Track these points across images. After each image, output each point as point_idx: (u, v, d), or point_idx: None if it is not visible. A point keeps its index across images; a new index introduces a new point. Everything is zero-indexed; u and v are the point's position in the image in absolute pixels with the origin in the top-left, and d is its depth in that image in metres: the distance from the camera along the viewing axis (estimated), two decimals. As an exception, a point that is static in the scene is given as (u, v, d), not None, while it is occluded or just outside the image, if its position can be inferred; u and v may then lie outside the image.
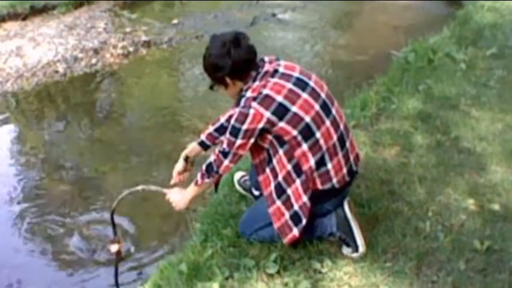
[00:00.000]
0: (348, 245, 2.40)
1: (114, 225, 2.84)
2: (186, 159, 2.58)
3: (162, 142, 3.18)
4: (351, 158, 2.39)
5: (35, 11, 6.58)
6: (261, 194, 2.50)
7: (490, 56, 4.58)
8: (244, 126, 2.16)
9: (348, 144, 2.36)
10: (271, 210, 2.34)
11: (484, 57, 4.58)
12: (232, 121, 2.20)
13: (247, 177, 2.84)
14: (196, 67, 5.51)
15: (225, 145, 2.25)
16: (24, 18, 6.43)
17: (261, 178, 2.35)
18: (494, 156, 3.14)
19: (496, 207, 2.71)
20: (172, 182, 2.61)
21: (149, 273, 2.61)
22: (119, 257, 2.92)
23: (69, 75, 5.24)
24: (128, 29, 6.32)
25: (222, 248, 2.47)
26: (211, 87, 2.39)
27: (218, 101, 4.55)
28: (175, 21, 6.63)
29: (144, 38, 6.06)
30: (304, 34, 6.36)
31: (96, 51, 5.69)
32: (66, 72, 5.28)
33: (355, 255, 2.39)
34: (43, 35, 6.00)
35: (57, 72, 5.27)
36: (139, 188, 2.65)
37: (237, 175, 2.87)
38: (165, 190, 2.54)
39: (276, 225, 2.35)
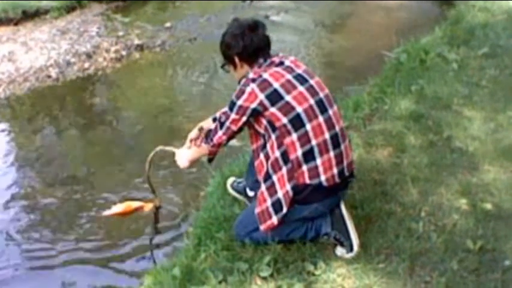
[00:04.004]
0: (342, 245, 2.41)
1: (152, 187, 3.14)
2: (200, 129, 2.73)
3: (156, 145, 3.19)
4: (345, 162, 2.38)
5: (27, 16, 6.57)
6: (256, 195, 2.51)
7: (482, 55, 4.59)
8: (240, 102, 2.28)
9: (342, 147, 2.37)
10: (258, 193, 2.40)
11: (475, 56, 4.60)
12: (232, 96, 2.33)
13: (240, 180, 2.86)
14: (189, 70, 5.51)
15: (223, 116, 2.39)
16: (16, 23, 6.43)
17: (256, 163, 2.43)
18: (487, 156, 3.15)
19: (488, 206, 2.71)
20: (185, 146, 2.74)
21: (142, 278, 2.59)
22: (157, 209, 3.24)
23: (61, 79, 5.23)
24: (120, 33, 6.32)
25: (215, 252, 2.47)
26: (222, 66, 2.53)
27: (212, 103, 4.56)
28: (168, 24, 6.63)
29: (137, 41, 6.06)
30: (297, 36, 6.38)
31: (89, 56, 5.68)
32: (58, 76, 5.27)
33: (349, 255, 2.39)
34: (35, 40, 5.99)
35: (49, 77, 5.25)
36: (158, 148, 2.96)
37: (230, 180, 2.90)
38: (175, 150, 2.74)
39: (257, 209, 2.39)
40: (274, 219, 2.34)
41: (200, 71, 5.40)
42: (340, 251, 2.42)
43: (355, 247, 2.38)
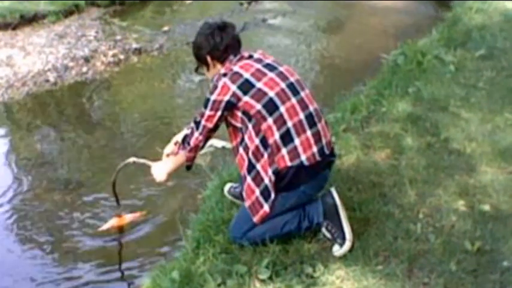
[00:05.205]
0: (334, 236, 2.41)
1: (116, 196, 3.06)
2: (176, 143, 2.68)
3: (154, 149, 3.18)
4: (323, 140, 2.41)
5: (25, 20, 6.58)
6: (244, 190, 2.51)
7: (479, 57, 4.62)
8: (213, 97, 2.32)
9: (319, 126, 2.40)
10: (244, 188, 2.41)
11: (472, 58, 4.62)
12: (207, 94, 2.38)
13: (236, 185, 2.88)
14: (187, 74, 5.52)
15: (198, 116, 2.41)
16: (14, 28, 6.43)
17: (237, 159, 2.45)
18: (484, 157, 3.16)
19: (486, 207, 2.72)
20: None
21: (141, 282, 2.59)
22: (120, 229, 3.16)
23: (60, 84, 5.23)
24: (118, 37, 6.33)
25: (214, 255, 2.47)
26: (196, 69, 2.59)
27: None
28: (165, 28, 6.65)
29: (134, 45, 6.07)
30: (294, 39, 6.40)
31: (86, 60, 5.69)
32: (57, 81, 5.27)
33: (343, 249, 2.39)
34: (33, 44, 6.00)
35: (47, 81, 5.25)
36: (131, 160, 2.85)
37: (227, 186, 2.93)
38: (151, 163, 2.67)
39: (247, 203, 2.40)
40: (266, 207, 2.36)
41: (198, 74, 5.40)
42: (336, 248, 2.42)
43: (347, 236, 2.39)
